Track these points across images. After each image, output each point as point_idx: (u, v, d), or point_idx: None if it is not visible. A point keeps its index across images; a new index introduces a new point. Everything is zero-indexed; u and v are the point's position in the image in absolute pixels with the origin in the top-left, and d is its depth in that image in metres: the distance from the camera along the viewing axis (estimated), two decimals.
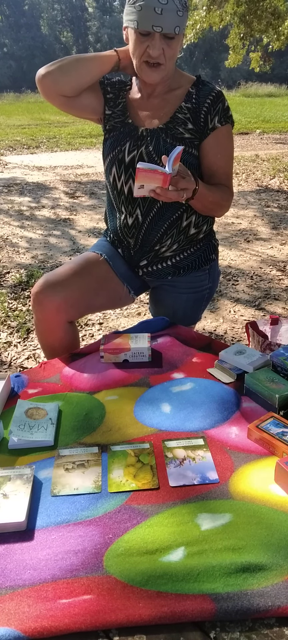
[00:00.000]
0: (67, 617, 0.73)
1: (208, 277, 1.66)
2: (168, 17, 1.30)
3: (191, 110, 1.46)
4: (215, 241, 1.68)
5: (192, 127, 1.47)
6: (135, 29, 1.34)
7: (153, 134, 1.48)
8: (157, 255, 1.56)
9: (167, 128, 1.48)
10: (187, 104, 1.47)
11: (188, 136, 1.47)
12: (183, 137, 1.47)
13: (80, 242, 5.05)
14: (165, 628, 0.73)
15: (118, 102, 1.56)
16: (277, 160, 9.38)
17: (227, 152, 1.53)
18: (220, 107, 1.47)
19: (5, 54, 40.52)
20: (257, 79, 28.60)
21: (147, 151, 1.48)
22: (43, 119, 17.30)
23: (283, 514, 0.90)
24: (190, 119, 1.46)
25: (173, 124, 1.47)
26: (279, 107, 19.41)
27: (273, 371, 1.29)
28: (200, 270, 1.63)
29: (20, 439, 1.10)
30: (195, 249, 1.60)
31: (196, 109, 1.46)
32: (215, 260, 1.68)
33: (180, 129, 1.47)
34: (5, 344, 3.03)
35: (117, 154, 1.52)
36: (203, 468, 1.02)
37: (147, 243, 1.55)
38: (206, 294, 1.69)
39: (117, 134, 1.54)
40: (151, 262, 1.59)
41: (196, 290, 1.65)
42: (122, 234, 1.58)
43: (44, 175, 8.41)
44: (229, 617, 0.74)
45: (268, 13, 9.65)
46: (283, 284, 3.92)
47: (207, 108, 1.45)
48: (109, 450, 1.07)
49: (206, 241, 1.62)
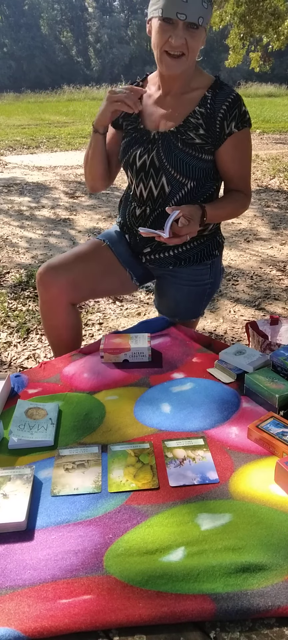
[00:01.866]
0: (67, 617, 0.73)
1: (209, 272, 1.66)
2: (193, 6, 1.31)
3: (204, 116, 1.46)
4: (220, 238, 1.68)
5: (203, 133, 1.47)
6: (160, 16, 1.34)
7: (164, 138, 1.49)
8: (159, 244, 1.58)
9: (178, 132, 1.48)
10: (201, 108, 1.47)
11: (199, 142, 1.47)
12: (194, 143, 1.47)
13: (80, 242, 5.06)
14: (165, 628, 0.73)
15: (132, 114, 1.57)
16: (277, 160, 9.38)
17: (245, 156, 1.56)
18: (237, 113, 1.46)
19: (5, 54, 40.53)
20: (257, 79, 28.61)
21: (158, 157, 1.50)
22: (43, 119, 17.30)
23: (283, 514, 0.90)
24: (203, 124, 1.46)
25: (185, 128, 1.48)
26: (279, 107, 19.41)
27: (273, 371, 1.29)
28: (201, 264, 1.64)
29: (20, 439, 1.10)
30: (198, 243, 1.61)
31: (210, 115, 1.46)
32: (218, 257, 1.69)
33: (191, 134, 1.47)
34: (5, 344, 3.03)
35: (129, 158, 1.56)
36: (203, 468, 1.02)
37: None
38: (208, 288, 1.69)
39: (130, 139, 1.57)
40: (154, 251, 1.61)
41: (197, 284, 1.66)
42: (130, 222, 1.63)
43: (43, 175, 8.41)
44: (229, 617, 0.74)
45: (268, 13, 9.65)
46: (283, 284, 3.92)
47: (223, 114, 1.45)
48: (109, 450, 1.07)
49: (210, 237, 1.64)
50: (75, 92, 30.36)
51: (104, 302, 3.60)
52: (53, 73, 41.04)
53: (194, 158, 1.48)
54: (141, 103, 1.55)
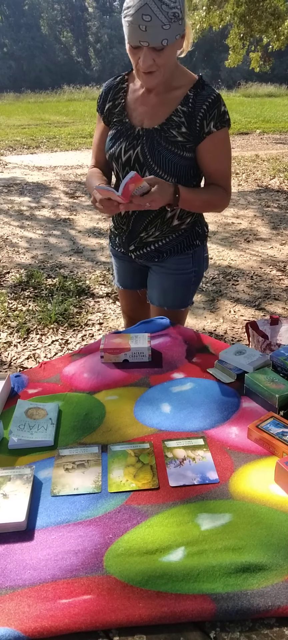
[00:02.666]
0: (67, 617, 0.73)
1: (192, 261, 1.73)
2: (153, 33, 1.34)
3: (186, 114, 1.51)
4: (199, 229, 1.75)
5: (185, 131, 1.52)
6: (127, 42, 1.42)
7: (148, 135, 1.55)
8: (141, 241, 1.69)
9: (162, 130, 1.54)
10: (183, 107, 1.52)
11: (181, 140, 1.53)
12: (176, 141, 1.53)
13: (80, 242, 5.06)
14: (165, 628, 0.73)
15: (117, 102, 1.64)
16: (277, 160, 9.38)
17: (223, 154, 1.59)
18: (216, 113, 1.50)
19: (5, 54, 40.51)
20: (257, 79, 28.61)
21: (143, 153, 1.56)
22: (43, 119, 17.30)
23: (283, 514, 0.90)
24: (185, 122, 1.52)
25: (168, 126, 1.53)
26: (279, 107, 19.41)
27: (273, 371, 1.29)
28: (183, 254, 1.71)
29: (20, 439, 1.10)
30: (176, 236, 1.68)
31: (192, 114, 1.51)
32: (200, 246, 1.75)
33: (173, 132, 1.53)
34: (5, 344, 3.03)
35: (114, 152, 1.61)
36: (203, 468, 1.02)
37: (135, 230, 1.68)
38: (192, 277, 1.77)
39: (115, 132, 1.62)
40: (137, 247, 1.72)
41: (182, 273, 1.74)
42: (116, 220, 1.75)
43: (44, 175, 8.41)
44: (229, 617, 0.74)
45: (268, 13, 9.65)
46: (283, 284, 3.92)
47: (203, 114, 1.50)
48: (109, 450, 1.07)
49: (188, 229, 1.70)
50: (75, 92, 30.37)
51: (104, 302, 3.60)
52: (53, 73, 41.04)
53: (176, 155, 1.53)
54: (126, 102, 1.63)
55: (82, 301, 3.61)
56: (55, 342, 3.04)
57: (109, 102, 1.65)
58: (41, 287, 3.86)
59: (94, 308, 3.52)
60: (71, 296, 3.68)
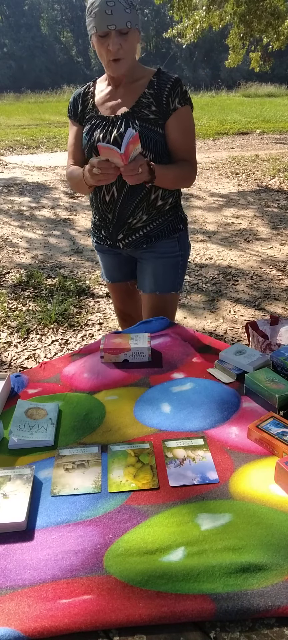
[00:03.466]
0: (67, 617, 0.73)
1: (178, 244, 1.84)
2: (118, 15, 1.53)
3: (153, 95, 1.67)
4: (181, 214, 1.88)
5: (155, 109, 1.66)
6: (95, 33, 1.56)
7: (122, 118, 1.67)
8: (130, 227, 1.76)
9: (133, 112, 1.67)
10: (149, 90, 1.67)
11: (153, 117, 1.67)
12: (149, 118, 1.66)
13: (80, 242, 5.05)
14: (165, 628, 0.73)
15: (87, 102, 1.79)
16: (277, 160, 9.38)
17: (188, 129, 1.72)
18: (179, 91, 1.66)
19: (5, 54, 40.50)
20: (257, 79, 28.59)
21: (119, 134, 1.65)
22: (43, 119, 17.30)
23: (283, 514, 0.90)
24: (154, 102, 1.66)
25: (139, 107, 1.67)
26: (279, 107, 19.41)
27: (273, 371, 1.29)
28: (169, 239, 1.82)
29: (20, 439, 1.10)
30: (162, 220, 1.79)
31: (158, 94, 1.66)
32: (183, 230, 1.87)
33: (145, 112, 1.66)
34: (5, 344, 3.03)
35: (92, 143, 1.71)
36: (203, 468, 1.02)
37: (122, 217, 1.75)
38: (180, 260, 1.86)
39: (90, 126, 1.74)
40: (126, 235, 1.78)
41: (170, 256, 1.84)
42: (102, 210, 1.79)
43: (44, 175, 8.41)
44: (229, 617, 0.74)
45: (268, 13, 9.64)
46: (283, 284, 3.92)
47: (168, 92, 1.65)
48: (109, 450, 1.07)
49: (173, 213, 1.82)
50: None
51: (104, 302, 3.60)
52: (53, 73, 41.02)
53: (151, 131, 1.66)
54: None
55: (82, 301, 3.61)
56: (55, 342, 3.04)
57: (79, 106, 1.79)
58: (41, 287, 3.86)
59: (94, 308, 3.51)
60: (71, 296, 3.68)
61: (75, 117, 1.82)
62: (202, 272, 4.17)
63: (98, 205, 1.81)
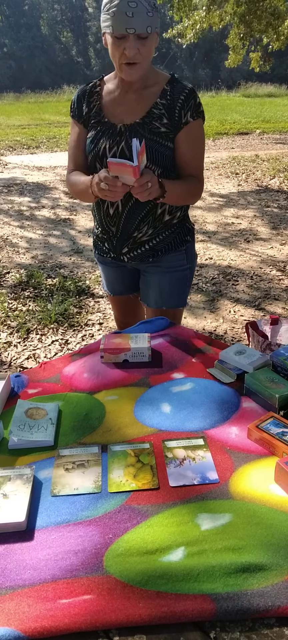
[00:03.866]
0: (67, 617, 0.73)
1: (185, 257, 1.76)
2: (139, 19, 1.41)
3: (166, 106, 1.56)
4: (189, 225, 1.78)
5: (167, 122, 1.56)
6: (111, 33, 1.45)
7: (131, 129, 1.57)
8: (135, 241, 1.68)
9: (144, 123, 1.56)
10: (162, 100, 1.57)
11: (164, 130, 1.57)
12: (160, 132, 1.56)
13: (80, 242, 5.05)
14: (165, 628, 0.73)
15: (92, 105, 1.66)
16: (277, 160, 9.38)
17: (198, 145, 1.65)
18: (193, 103, 1.56)
19: (5, 54, 40.50)
20: (257, 79, 28.58)
21: (128, 146, 1.56)
22: (43, 119, 17.29)
23: (283, 514, 0.90)
24: (165, 114, 1.56)
25: (150, 118, 1.57)
26: (279, 107, 19.41)
27: (273, 371, 1.29)
28: (177, 251, 1.74)
29: (20, 439, 1.10)
30: (169, 232, 1.70)
31: (170, 105, 1.56)
32: (191, 242, 1.78)
33: (156, 124, 1.56)
34: (5, 344, 3.03)
35: (97, 151, 1.60)
36: (203, 468, 1.02)
37: (126, 231, 1.66)
38: (187, 273, 1.79)
39: (96, 133, 1.62)
40: (131, 249, 1.70)
41: (177, 270, 1.76)
42: (105, 223, 1.70)
43: (44, 175, 8.41)
44: (229, 617, 0.74)
45: (268, 13, 9.64)
46: (283, 284, 3.92)
47: (181, 104, 1.55)
48: (109, 450, 1.07)
49: (180, 225, 1.73)
50: (75, 92, 30.30)
51: (104, 302, 3.60)
52: (53, 73, 41.02)
53: (161, 146, 1.57)
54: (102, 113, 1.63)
55: (82, 301, 3.61)
56: (55, 342, 3.04)
57: (84, 107, 1.66)
58: (41, 287, 3.86)
59: (94, 308, 3.51)
60: (71, 296, 3.68)
61: (79, 118, 1.69)
62: (202, 272, 4.17)
63: (101, 218, 1.71)
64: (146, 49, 1.47)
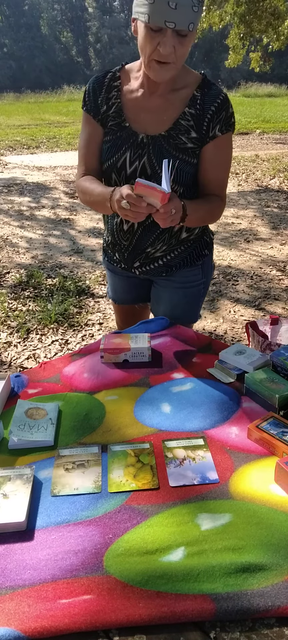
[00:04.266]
0: (67, 617, 0.73)
1: (201, 272, 1.64)
2: (183, 13, 1.20)
3: (195, 117, 1.39)
4: (207, 237, 1.64)
5: (195, 136, 1.40)
6: (146, 23, 1.23)
7: (154, 142, 1.41)
8: (148, 257, 1.56)
9: (170, 136, 1.40)
10: (190, 109, 1.40)
11: (191, 146, 1.41)
12: (186, 147, 1.40)
13: (80, 242, 5.05)
14: (165, 628, 0.73)
15: (111, 102, 1.45)
16: (277, 160, 9.38)
17: (225, 160, 1.48)
18: (224, 115, 1.40)
19: (5, 54, 40.52)
20: (257, 79, 28.61)
21: (150, 162, 1.41)
22: (43, 119, 17.30)
23: (283, 514, 0.90)
24: (194, 126, 1.40)
25: (176, 131, 1.40)
26: (279, 107, 19.42)
27: (273, 371, 1.29)
28: (192, 266, 1.61)
29: (20, 439, 1.10)
30: (185, 247, 1.58)
31: (200, 116, 1.39)
32: (208, 255, 1.65)
33: (183, 138, 1.40)
34: (5, 344, 3.03)
35: (115, 162, 1.44)
36: (203, 468, 1.02)
37: (140, 246, 1.54)
38: (201, 288, 1.68)
39: (115, 139, 1.44)
40: (143, 264, 1.59)
41: (191, 285, 1.64)
42: (117, 236, 1.57)
43: (44, 175, 8.41)
44: (229, 617, 0.74)
45: (268, 13, 9.65)
46: (283, 284, 3.92)
47: (211, 115, 1.39)
48: (109, 450, 1.07)
49: (197, 239, 1.60)
50: (75, 92, 30.37)
51: (103, 302, 3.60)
52: (53, 73, 41.05)
53: (187, 164, 1.41)
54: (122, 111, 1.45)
55: (82, 301, 3.61)
56: (55, 342, 3.04)
57: (101, 103, 1.46)
58: (41, 287, 3.86)
59: (94, 308, 3.51)
60: (71, 296, 3.68)
61: (95, 115, 1.47)
62: None
63: (113, 230, 1.58)
64: (183, 49, 1.28)
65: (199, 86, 1.41)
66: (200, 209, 1.44)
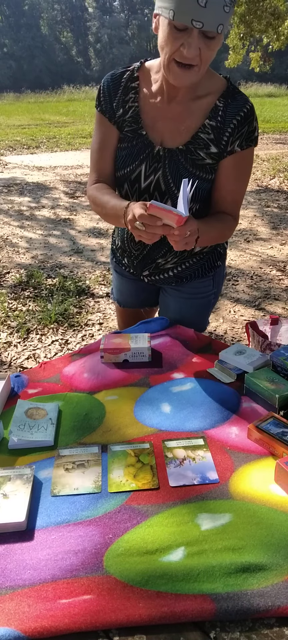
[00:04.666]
0: (67, 617, 0.73)
1: (212, 282, 1.59)
2: (213, 12, 1.08)
3: (215, 130, 1.29)
4: (221, 249, 1.57)
5: (214, 151, 1.30)
6: (170, 20, 1.11)
7: (171, 156, 1.32)
8: (158, 267, 1.51)
9: (187, 150, 1.31)
10: (211, 121, 1.29)
11: (209, 162, 1.31)
12: (204, 164, 1.31)
13: (80, 242, 5.05)
14: (165, 628, 0.73)
15: (128, 106, 1.35)
16: (277, 160, 9.38)
17: (242, 178, 1.37)
18: (246, 130, 1.29)
19: (5, 54, 40.54)
20: (257, 79, 28.63)
21: (165, 179, 1.32)
22: (43, 119, 17.30)
23: (283, 514, 0.90)
24: (214, 140, 1.30)
25: (195, 146, 1.30)
26: (279, 107, 19.42)
27: (273, 371, 1.29)
28: (204, 278, 1.56)
29: (20, 439, 1.10)
30: (197, 260, 1.52)
31: (221, 129, 1.29)
32: (221, 266, 1.60)
33: (201, 154, 1.30)
34: (5, 344, 3.03)
35: (129, 173, 1.36)
36: (203, 468, 1.02)
37: (150, 256, 1.49)
38: (212, 299, 1.64)
39: (130, 148, 1.35)
40: (153, 273, 1.54)
41: (202, 297, 1.60)
42: (127, 245, 1.52)
43: (44, 175, 8.41)
44: (229, 617, 0.74)
45: (268, 13, 9.65)
46: (283, 284, 3.92)
47: (232, 129, 1.28)
48: (109, 450, 1.07)
49: (210, 252, 1.53)
50: (75, 92, 30.41)
51: (103, 302, 3.60)
52: (53, 73, 41.08)
53: (203, 180, 1.32)
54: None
55: (82, 301, 3.61)
56: (55, 342, 3.04)
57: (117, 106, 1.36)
58: (41, 287, 3.86)
59: (94, 308, 3.51)
60: (71, 296, 3.68)
61: (110, 117, 1.36)
62: None
63: (124, 240, 1.52)
64: (209, 53, 1.15)
65: (223, 95, 1.29)
66: (212, 230, 1.35)
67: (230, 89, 1.31)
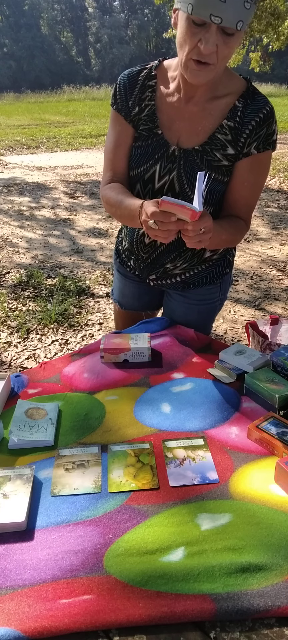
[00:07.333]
0: (67, 617, 0.73)
1: (219, 289, 1.57)
2: (232, 8, 1.05)
3: (233, 131, 1.26)
4: (230, 256, 1.55)
5: (231, 152, 1.27)
6: (189, 14, 1.09)
7: (187, 156, 1.29)
8: (165, 272, 1.48)
9: (203, 151, 1.28)
10: (229, 121, 1.26)
11: (225, 163, 1.28)
12: (220, 166, 1.28)
13: (80, 242, 5.06)
14: (165, 628, 0.73)
15: (145, 104, 1.33)
16: (277, 160, 9.38)
17: (257, 182, 1.34)
18: (264, 133, 1.25)
19: (5, 54, 40.55)
20: (257, 79, 28.60)
21: (180, 180, 1.30)
22: (43, 119, 17.30)
23: (283, 514, 0.90)
24: (232, 141, 1.27)
25: (211, 146, 1.28)
26: (279, 107, 19.42)
27: (273, 371, 1.29)
28: (211, 285, 1.54)
29: (20, 439, 1.10)
30: (206, 266, 1.49)
31: (238, 130, 1.26)
32: (229, 273, 1.57)
33: (217, 155, 1.28)
34: (5, 344, 3.03)
35: (143, 173, 1.33)
36: (203, 468, 1.02)
37: (159, 261, 1.46)
38: (217, 305, 1.62)
39: (145, 147, 1.33)
40: (160, 277, 1.52)
41: (208, 303, 1.58)
42: (136, 247, 1.48)
43: (43, 175, 8.41)
44: (229, 617, 0.74)
45: (268, 13, 9.64)
46: (283, 284, 3.92)
47: (250, 131, 1.25)
48: (109, 450, 1.07)
49: (220, 259, 1.51)
50: (75, 92, 30.42)
51: (103, 302, 3.60)
52: (53, 73, 41.10)
53: (219, 183, 1.30)
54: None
55: (82, 301, 3.61)
56: (55, 342, 3.04)
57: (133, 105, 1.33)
58: (41, 287, 3.86)
59: (94, 308, 3.52)
60: (71, 296, 3.68)
61: (126, 115, 1.34)
62: None
63: (133, 240, 1.48)
64: (227, 50, 1.13)
65: (242, 95, 1.26)
66: (223, 233, 1.32)
67: (250, 90, 1.28)
